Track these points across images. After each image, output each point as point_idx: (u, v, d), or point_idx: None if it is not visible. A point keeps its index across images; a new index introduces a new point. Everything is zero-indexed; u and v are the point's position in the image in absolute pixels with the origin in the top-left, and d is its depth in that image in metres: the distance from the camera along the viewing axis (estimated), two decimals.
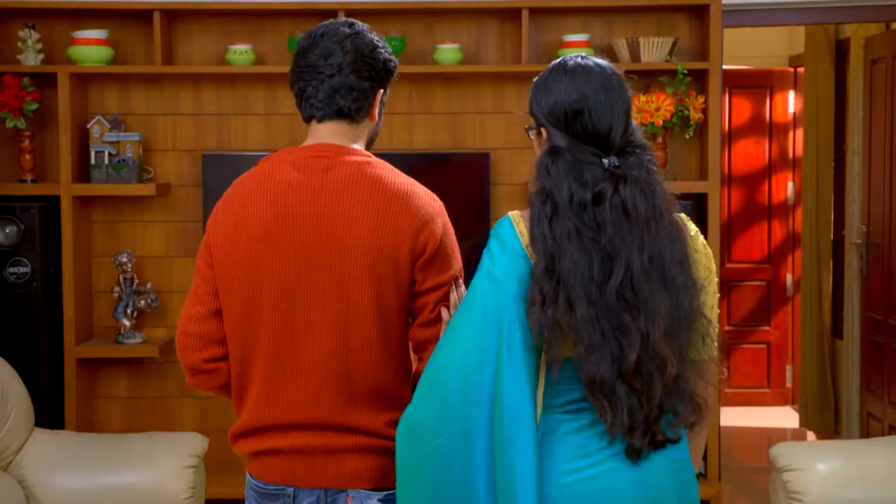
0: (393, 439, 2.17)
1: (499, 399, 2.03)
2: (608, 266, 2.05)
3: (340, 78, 2.23)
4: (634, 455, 2.06)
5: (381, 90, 2.30)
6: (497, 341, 2.05)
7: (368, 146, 2.35)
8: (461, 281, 2.28)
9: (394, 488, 2.18)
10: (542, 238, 2.07)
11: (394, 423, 2.18)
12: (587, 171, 2.09)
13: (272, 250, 2.19)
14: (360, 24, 2.31)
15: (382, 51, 2.29)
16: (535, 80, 2.22)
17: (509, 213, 2.17)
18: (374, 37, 2.30)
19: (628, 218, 2.07)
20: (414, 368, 2.31)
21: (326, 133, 2.27)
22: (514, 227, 2.13)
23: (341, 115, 2.26)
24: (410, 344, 2.28)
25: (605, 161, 2.11)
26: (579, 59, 2.18)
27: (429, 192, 2.29)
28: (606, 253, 2.06)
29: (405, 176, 2.28)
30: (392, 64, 2.31)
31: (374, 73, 2.27)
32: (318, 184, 2.21)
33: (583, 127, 2.12)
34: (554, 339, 2.03)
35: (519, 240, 2.11)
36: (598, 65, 2.17)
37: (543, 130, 2.17)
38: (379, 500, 2.22)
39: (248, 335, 2.22)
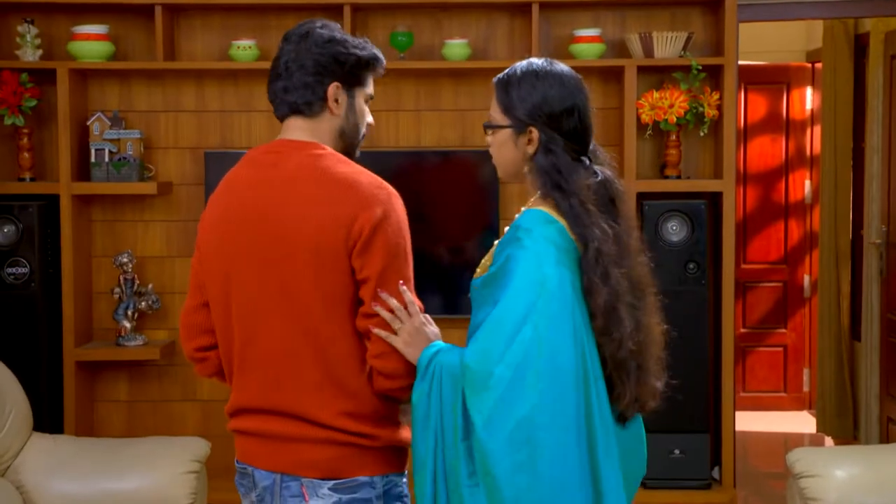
0: (346, 431, 2.26)
1: (595, 382, 2.20)
2: (617, 250, 2.26)
3: (287, 76, 2.34)
4: (623, 422, 2.31)
5: (336, 84, 2.34)
6: (585, 327, 2.21)
7: (348, 142, 2.40)
8: (406, 288, 2.29)
9: (345, 478, 2.28)
10: (584, 227, 2.23)
11: (346, 414, 2.27)
12: (581, 167, 2.29)
13: (232, 245, 2.33)
14: (322, 21, 2.38)
15: (336, 45, 2.34)
16: (507, 79, 2.33)
17: (535, 208, 2.28)
18: (334, 33, 2.36)
19: (615, 207, 2.30)
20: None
21: (288, 129, 2.38)
22: (555, 219, 2.25)
23: (294, 111, 2.36)
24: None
25: (585, 158, 2.31)
26: (553, 63, 2.34)
27: (379, 183, 2.31)
28: (617, 239, 2.27)
29: (357, 167, 2.33)
30: (345, 56, 2.34)
31: (321, 67, 2.33)
32: (267, 178, 2.31)
33: (574, 125, 2.29)
34: (609, 323, 2.22)
35: (567, 232, 2.24)
36: (567, 68, 2.35)
37: (534, 130, 2.28)
38: (329, 488, 2.29)
39: (226, 325, 2.38)
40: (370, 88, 2.41)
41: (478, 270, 2.38)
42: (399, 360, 2.26)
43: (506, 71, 2.38)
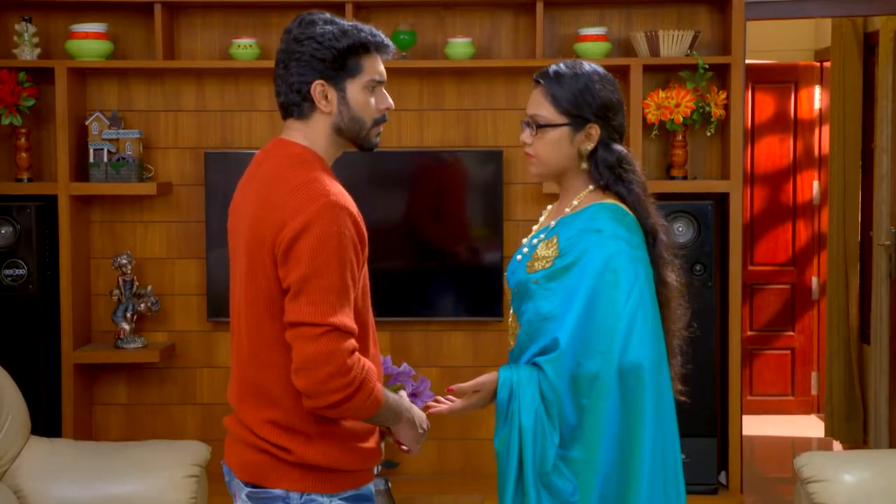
0: (267, 440, 2.27)
1: (667, 370, 2.40)
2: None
3: (277, 76, 2.32)
4: None
5: (319, 82, 2.27)
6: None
7: (350, 136, 2.34)
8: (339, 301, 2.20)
9: (260, 486, 2.28)
10: (651, 219, 2.42)
11: (271, 423, 2.27)
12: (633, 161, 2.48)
13: (228, 241, 2.42)
14: (313, 14, 2.32)
15: (312, 43, 2.26)
16: (558, 77, 2.39)
17: (609, 201, 2.41)
18: (315, 27, 2.27)
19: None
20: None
21: (284, 129, 2.36)
22: (627, 212, 2.40)
23: (285, 112, 2.34)
24: None
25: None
26: (591, 63, 2.47)
27: (322, 192, 2.21)
28: (669, 230, 2.49)
29: (314, 175, 2.24)
30: (322, 52, 2.28)
31: (300, 63, 2.27)
32: (253, 177, 2.33)
33: (622, 121, 2.46)
34: (677, 309, 2.45)
35: (637, 224, 2.40)
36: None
37: (595, 126, 2.40)
38: (246, 494, 2.32)
39: None
40: (370, 74, 2.31)
41: (534, 264, 2.40)
42: (312, 378, 2.15)
43: (550, 70, 2.42)
